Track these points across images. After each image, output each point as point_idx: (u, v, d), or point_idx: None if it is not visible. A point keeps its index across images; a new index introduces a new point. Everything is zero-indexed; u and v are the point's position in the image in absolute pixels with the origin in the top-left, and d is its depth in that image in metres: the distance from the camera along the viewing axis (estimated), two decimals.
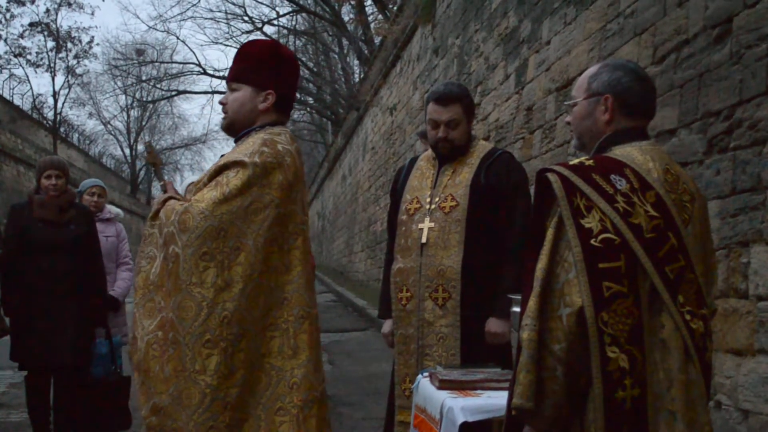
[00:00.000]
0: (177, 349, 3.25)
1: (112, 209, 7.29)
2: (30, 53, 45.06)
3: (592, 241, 2.35)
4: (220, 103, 3.63)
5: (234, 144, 3.61)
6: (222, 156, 3.56)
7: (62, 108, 48.22)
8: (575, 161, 2.53)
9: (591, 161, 2.53)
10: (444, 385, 3.54)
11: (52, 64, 45.46)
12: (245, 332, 3.28)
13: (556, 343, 2.35)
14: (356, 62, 36.95)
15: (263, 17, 39.20)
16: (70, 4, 44.54)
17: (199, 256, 3.23)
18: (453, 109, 4.35)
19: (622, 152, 2.60)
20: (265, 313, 3.35)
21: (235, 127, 3.58)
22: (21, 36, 45.13)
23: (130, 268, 7.09)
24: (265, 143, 3.39)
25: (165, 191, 3.61)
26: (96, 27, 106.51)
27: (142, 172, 68.53)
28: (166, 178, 3.76)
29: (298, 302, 3.40)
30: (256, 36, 35.17)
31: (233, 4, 41.04)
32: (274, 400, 3.33)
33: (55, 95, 46.52)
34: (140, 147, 64.45)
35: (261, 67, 3.54)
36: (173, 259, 3.27)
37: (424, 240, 4.31)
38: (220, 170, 3.36)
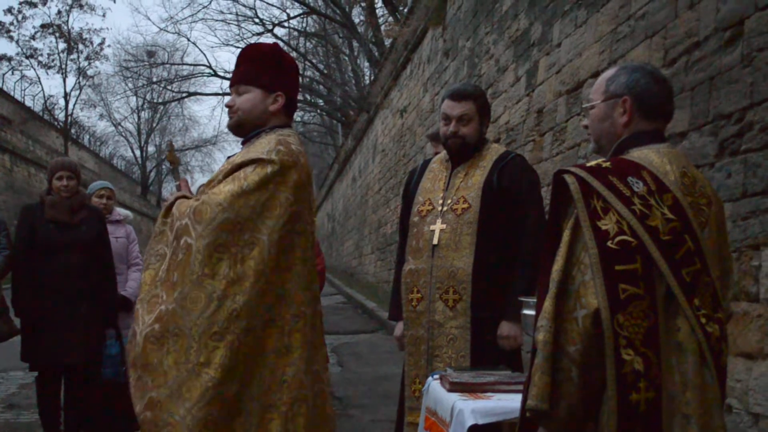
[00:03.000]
0: (179, 341, 3.22)
1: (121, 211, 7.32)
2: (41, 55, 45.45)
3: (609, 243, 2.35)
4: (227, 105, 3.60)
5: (242, 146, 3.60)
6: (229, 158, 3.55)
7: (73, 109, 48.48)
8: (592, 163, 2.53)
9: (608, 163, 2.53)
10: (454, 387, 3.53)
11: (63, 66, 45.74)
12: (252, 328, 3.27)
13: (572, 344, 2.35)
14: (366, 64, 36.99)
15: (274, 19, 39.21)
16: (81, 6, 44.81)
17: (214, 248, 3.21)
18: (465, 105, 4.37)
19: (639, 154, 2.60)
20: (266, 310, 3.33)
21: (245, 128, 3.58)
22: (33, 37, 45.46)
23: (141, 268, 7.10)
24: (280, 143, 3.39)
25: (179, 189, 3.59)
26: (107, 29, 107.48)
27: (153, 174, 68.76)
28: (182, 177, 3.75)
29: (294, 300, 3.39)
30: (267, 38, 35.19)
31: (244, 6, 41.27)
32: (265, 397, 3.32)
33: (66, 97, 46.75)
34: (151, 149, 64.73)
35: (268, 69, 3.54)
36: (184, 251, 3.25)
37: (435, 241, 4.31)
38: (237, 168, 3.35)
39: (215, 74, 43.93)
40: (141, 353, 3.29)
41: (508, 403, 3.24)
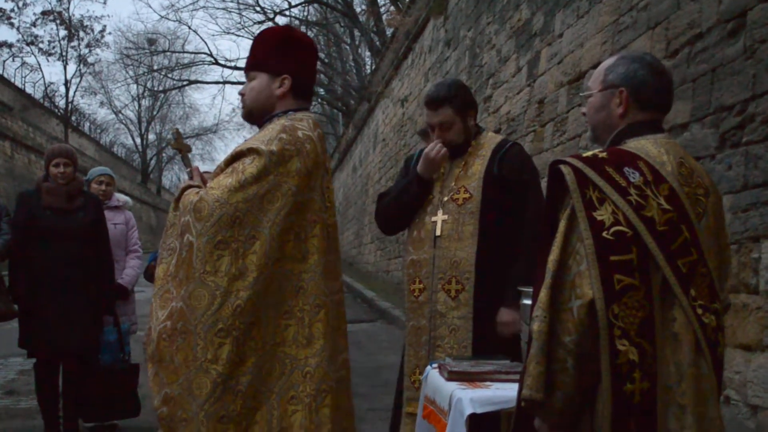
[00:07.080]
0: (187, 339, 3.23)
1: (120, 197, 7.28)
2: (42, 42, 45.30)
3: (604, 234, 2.34)
4: (240, 93, 3.61)
5: (258, 130, 3.58)
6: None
7: (74, 97, 48.49)
8: (588, 153, 2.52)
9: (604, 153, 2.53)
10: (453, 376, 3.53)
11: (64, 53, 45.71)
12: (257, 320, 3.26)
13: (567, 335, 2.35)
14: (368, 53, 36.98)
15: (275, 7, 39.14)
16: None
17: (214, 245, 3.20)
18: (443, 112, 4.34)
19: (636, 145, 2.59)
20: (281, 302, 3.32)
21: (254, 115, 3.56)
22: (33, 24, 45.40)
23: (139, 255, 7.10)
24: (285, 129, 3.35)
25: (191, 178, 3.57)
26: (108, 16, 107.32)
27: (153, 162, 68.79)
28: (193, 164, 3.72)
29: (314, 291, 3.37)
30: (268, 26, 35.15)
31: None
32: (287, 389, 3.31)
33: (66, 84, 46.74)
34: (151, 136, 64.75)
35: (274, 52, 3.51)
36: (187, 248, 3.25)
37: (438, 233, 4.30)
38: (236, 157, 3.34)
39: (216, 62, 43.92)
40: (156, 349, 3.30)
41: (506, 392, 3.23)
